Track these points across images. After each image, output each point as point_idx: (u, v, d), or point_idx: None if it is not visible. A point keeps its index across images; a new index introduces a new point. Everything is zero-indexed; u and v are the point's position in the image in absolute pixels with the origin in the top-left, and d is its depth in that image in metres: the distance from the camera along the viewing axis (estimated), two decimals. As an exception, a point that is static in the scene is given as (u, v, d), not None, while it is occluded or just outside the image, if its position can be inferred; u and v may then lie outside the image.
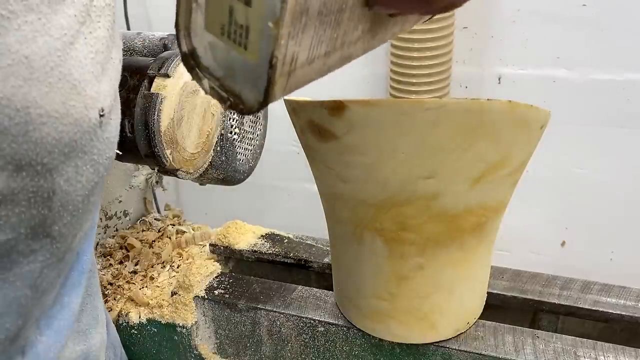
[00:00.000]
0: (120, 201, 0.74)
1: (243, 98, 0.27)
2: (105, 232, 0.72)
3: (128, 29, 1.28)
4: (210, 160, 0.65)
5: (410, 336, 0.57)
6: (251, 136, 0.72)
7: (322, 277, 0.72)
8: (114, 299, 0.67)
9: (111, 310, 0.67)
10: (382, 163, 0.46)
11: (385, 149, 0.45)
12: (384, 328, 0.57)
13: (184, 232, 0.76)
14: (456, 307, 0.56)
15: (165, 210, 0.81)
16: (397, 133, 0.44)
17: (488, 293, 0.63)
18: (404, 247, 0.51)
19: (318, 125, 0.47)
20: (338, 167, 0.49)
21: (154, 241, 0.74)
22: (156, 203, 0.82)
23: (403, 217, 0.49)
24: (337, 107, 0.44)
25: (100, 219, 0.71)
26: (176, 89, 0.57)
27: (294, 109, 0.49)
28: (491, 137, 0.45)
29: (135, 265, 0.70)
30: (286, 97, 0.51)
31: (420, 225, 0.50)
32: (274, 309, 0.63)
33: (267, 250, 0.72)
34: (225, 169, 0.68)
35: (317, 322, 0.61)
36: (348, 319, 0.60)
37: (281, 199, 1.48)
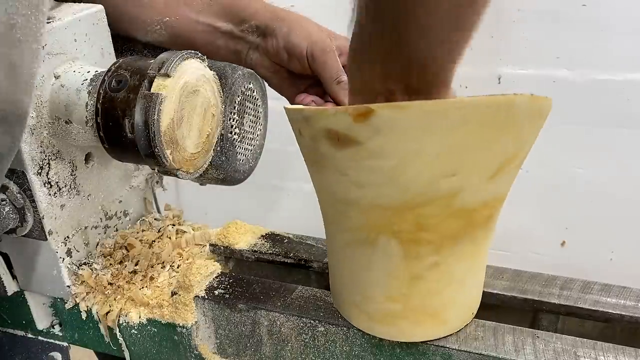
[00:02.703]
0: (120, 201, 0.74)
1: None
2: (105, 232, 0.72)
3: (128, 29, 1.28)
4: (210, 160, 0.65)
5: (421, 334, 0.57)
6: (251, 136, 0.72)
7: (322, 277, 0.72)
8: (114, 299, 0.67)
9: (111, 310, 0.67)
10: (405, 165, 0.46)
11: (411, 151, 0.45)
12: (395, 330, 0.57)
13: (184, 232, 0.76)
14: (464, 299, 0.57)
15: (165, 210, 0.81)
16: (424, 134, 0.44)
17: (488, 293, 0.63)
18: (420, 247, 0.51)
19: (337, 133, 0.46)
20: (355, 173, 0.48)
21: (154, 241, 0.74)
22: (156, 203, 0.82)
23: (422, 218, 0.49)
24: (363, 114, 0.43)
25: (100, 219, 0.71)
26: (176, 89, 0.57)
27: (307, 117, 0.48)
28: (513, 131, 0.46)
29: (135, 265, 0.70)
30: (298, 107, 0.50)
31: (438, 224, 0.50)
32: (274, 309, 0.63)
33: (267, 250, 0.72)
34: (225, 169, 0.68)
35: (317, 322, 0.61)
36: (356, 327, 0.60)
37: (281, 199, 1.48)
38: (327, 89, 0.62)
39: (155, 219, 0.78)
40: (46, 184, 0.62)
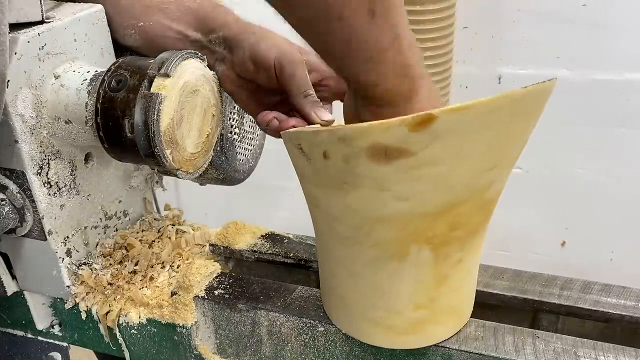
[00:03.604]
0: (120, 201, 0.74)
1: None
2: (105, 232, 0.72)
3: (128, 29, 1.28)
4: (210, 160, 0.65)
5: (444, 333, 0.57)
6: (251, 136, 0.72)
7: (322, 277, 0.72)
8: (114, 299, 0.67)
9: (111, 310, 0.67)
10: (455, 167, 0.45)
11: (463, 152, 0.45)
12: (422, 337, 0.56)
13: (184, 232, 0.76)
14: (473, 288, 0.58)
15: (165, 210, 0.81)
16: (479, 133, 0.44)
17: (488, 293, 0.63)
18: (449, 247, 0.51)
19: (386, 147, 0.44)
20: (398, 186, 0.47)
21: (154, 241, 0.74)
22: (156, 203, 0.82)
23: (457, 217, 0.49)
24: (424, 121, 0.42)
25: (100, 219, 0.71)
26: (176, 88, 0.57)
27: (344, 137, 0.45)
28: (538, 115, 0.47)
29: (135, 265, 0.70)
30: (329, 127, 0.47)
31: (468, 220, 0.50)
32: (274, 309, 0.63)
33: (267, 251, 0.72)
34: (225, 169, 0.68)
35: (317, 322, 0.61)
36: (376, 345, 0.58)
37: (281, 199, 1.48)
38: (293, 101, 0.59)
39: (155, 219, 0.78)
40: (46, 184, 0.62)
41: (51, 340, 0.74)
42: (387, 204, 0.48)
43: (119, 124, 0.57)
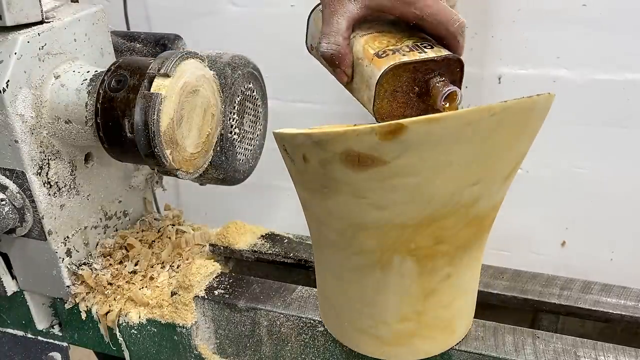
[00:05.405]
0: (120, 201, 0.74)
1: None
2: (105, 232, 0.72)
3: (128, 29, 1.28)
4: (210, 160, 0.65)
5: (435, 348, 0.56)
6: (251, 136, 0.72)
7: (322, 277, 0.72)
8: (114, 299, 0.67)
9: (111, 310, 0.67)
10: (432, 180, 0.45)
11: (440, 165, 0.44)
12: (408, 349, 0.56)
13: (184, 232, 0.76)
14: (470, 306, 0.57)
15: (165, 210, 0.81)
16: (455, 146, 0.43)
17: (488, 293, 0.63)
18: (435, 261, 0.50)
19: (358, 154, 0.44)
20: (375, 194, 0.46)
21: (154, 241, 0.74)
22: (156, 203, 0.82)
23: (440, 230, 0.48)
24: (393, 131, 0.42)
25: (100, 219, 0.71)
26: (176, 88, 0.57)
27: (319, 141, 0.45)
28: (530, 130, 0.46)
29: (135, 265, 0.70)
30: (303, 131, 0.46)
31: (454, 235, 0.49)
32: (274, 309, 0.63)
33: (267, 250, 0.72)
34: (225, 169, 0.68)
35: (317, 322, 0.61)
36: (363, 353, 0.58)
37: (281, 199, 1.48)
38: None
39: (155, 219, 0.78)
40: (46, 184, 0.62)
41: (51, 340, 0.75)
42: (365, 212, 0.47)
43: (119, 124, 0.57)
